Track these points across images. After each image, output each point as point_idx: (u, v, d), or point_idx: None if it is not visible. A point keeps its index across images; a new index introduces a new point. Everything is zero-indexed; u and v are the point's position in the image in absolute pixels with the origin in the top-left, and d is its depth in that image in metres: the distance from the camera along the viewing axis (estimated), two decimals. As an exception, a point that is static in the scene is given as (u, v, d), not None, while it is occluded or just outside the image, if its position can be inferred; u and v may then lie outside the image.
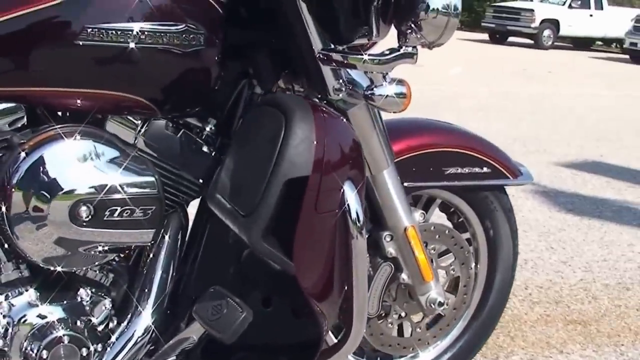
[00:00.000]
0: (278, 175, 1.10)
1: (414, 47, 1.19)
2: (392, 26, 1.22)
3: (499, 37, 16.91)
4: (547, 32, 16.08)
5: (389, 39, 1.25)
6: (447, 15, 1.15)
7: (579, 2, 16.64)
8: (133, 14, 1.09)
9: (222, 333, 1.17)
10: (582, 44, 17.42)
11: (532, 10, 16.00)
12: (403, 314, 1.60)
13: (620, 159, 4.80)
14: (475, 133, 1.66)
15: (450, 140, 1.58)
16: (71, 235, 1.10)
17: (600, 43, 18.23)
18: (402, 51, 1.18)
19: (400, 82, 1.23)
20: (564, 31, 16.38)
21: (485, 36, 17.37)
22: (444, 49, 1.26)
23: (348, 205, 1.16)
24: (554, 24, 16.16)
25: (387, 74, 1.23)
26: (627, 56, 15.05)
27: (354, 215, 1.18)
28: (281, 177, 1.10)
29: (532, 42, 16.11)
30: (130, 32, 1.08)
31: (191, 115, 1.26)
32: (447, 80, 8.05)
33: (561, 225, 3.23)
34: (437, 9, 1.15)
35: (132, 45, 1.09)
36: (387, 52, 1.19)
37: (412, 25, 1.16)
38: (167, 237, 1.25)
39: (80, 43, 1.07)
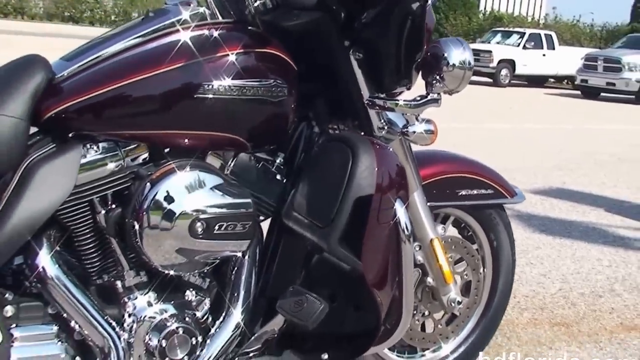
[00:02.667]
0: (349, 194, 1.42)
1: (439, 94, 1.55)
2: (419, 77, 1.58)
3: None
4: (504, 72, 17.03)
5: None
6: (463, 69, 1.52)
7: (532, 43, 17.62)
8: (237, 72, 1.41)
9: (305, 321, 1.47)
10: (536, 81, 18.35)
11: (490, 52, 16.89)
12: (426, 313, 1.92)
13: (581, 185, 5.26)
14: (479, 161, 2.01)
15: (461, 167, 1.93)
16: (189, 246, 1.40)
17: (552, 80, 19.17)
18: (429, 97, 1.54)
19: (429, 121, 1.58)
20: (519, 70, 17.35)
21: (449, 75, 18.30)
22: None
23: (399, 217, 1.50)
24: (511, 63, 17.12)
25: (418, 115, 1.58)
26: (578, 92, 15.91)
27: (403, 226, 1.51)
28: (352, 196, 1.42)
29: (490, 80, 16.92)
30: (235, 87, 1.40)
31: (266, 151, 1.58)
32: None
33: (537, 244, 3.62)
34: (455, 64, 1.52)
35: (235, 96, 1.41)
36: (418, 98, 1.55)
37: (437, 77, 1.53)
38: (249, 249, 1.56)
39: (196, 96, 1.38)
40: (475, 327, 2.03)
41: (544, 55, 17.63)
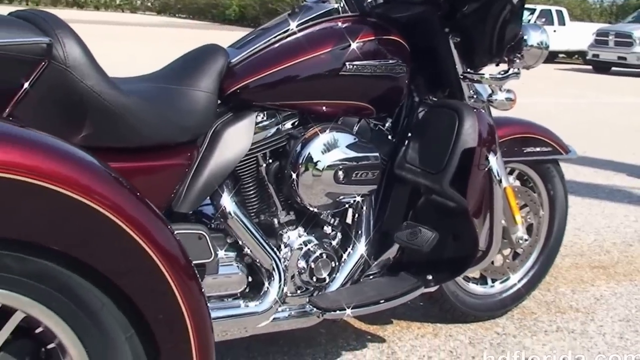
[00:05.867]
0: (457, 147, 1.83)
1: (519, 69, 1.96)
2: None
3: None
4: (515, 47, 17.24)
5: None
6: (540, 49, 1.93)
7: (544, 20, 17.81)
8: (368, 55, 1.81)
9: (421, 247, 1.88)
10: (547, 56, 18.54)
11: None
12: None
13: (601, 153, 5.62)
14: (540, 124, 2.42)
15: (526, 129, 2.33)
16: (333, 189, 1.81)
17: (562, 55, 19.43)
18: (510, 72, 1.95)
19: (509, 91, 1.99)
20: (531, 46, 17.55)
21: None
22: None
23: (491, 165, 1.91)
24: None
25: (501, 87, 1.99)
26: (589, 66, 16.23)
27: (495, 172, 1.92)
28: (459, 148, 1.83)
29: (502, 56, 17.15)
30: (367, 66, 1.81)
31: (379, 117, 1.99)
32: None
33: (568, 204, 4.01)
34: (533, 44, 1.92)
35: (366, 73, 1.82)
36: (502, 73, 1.96)
37: (518, 55, 1.94)
38: (368, 195, 1.96)
39: (337, 74, 1.79)
40: (535, 261, 2.45)
41: (554, 31, 17.83)
